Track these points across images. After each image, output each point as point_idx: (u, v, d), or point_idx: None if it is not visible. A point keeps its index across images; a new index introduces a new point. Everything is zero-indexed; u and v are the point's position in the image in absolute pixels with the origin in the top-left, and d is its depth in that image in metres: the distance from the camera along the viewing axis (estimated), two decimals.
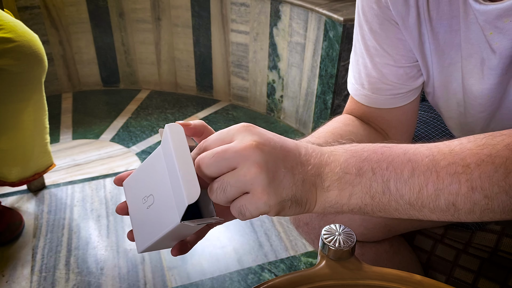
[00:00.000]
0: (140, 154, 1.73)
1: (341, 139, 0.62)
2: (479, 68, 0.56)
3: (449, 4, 0.55)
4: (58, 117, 1.94)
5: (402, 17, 0.58)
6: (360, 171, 0.41)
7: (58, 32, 1.99)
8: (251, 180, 0.39)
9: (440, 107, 0.68)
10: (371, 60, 0.64)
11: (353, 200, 0.42)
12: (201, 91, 2.15)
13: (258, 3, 1.77)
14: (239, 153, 0.39)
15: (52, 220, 1.41)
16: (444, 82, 0.62)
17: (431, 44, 0.59)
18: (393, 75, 0.64)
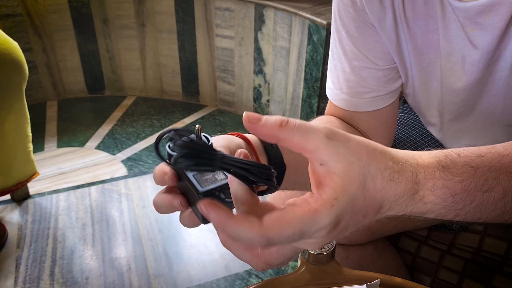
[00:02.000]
0: (126, 161, 1.71)
1: None
2: (459, 65, 0.56)
3: (424, 5, 0.55)
4: (43, 125, 1.92)
5: (378, 19, 0.58)
6: (440, 216, 0.39)
7: (41, 40, 1.97)
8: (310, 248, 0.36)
9: (420, 107, 0.69)
10: (350, 64, 0.64)
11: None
12: (187, 96, 2.14)
13: (242, 7, 1.77)
14: (308, 247, 0.36)
15: (36, 230, 1.39)
16: (424, 82, 0.63)
17: (409, 45, 0.59)
18: (372, 78, 0.64)
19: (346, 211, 0.33)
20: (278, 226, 0.32)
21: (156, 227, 1.41)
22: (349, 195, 0.33)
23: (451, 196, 0.37)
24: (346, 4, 0.60)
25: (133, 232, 1.39)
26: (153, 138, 1.86)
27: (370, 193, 0.34)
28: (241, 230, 0.32)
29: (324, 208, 0.32)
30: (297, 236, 0.32)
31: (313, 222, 0.32)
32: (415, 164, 0.37)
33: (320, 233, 0.33)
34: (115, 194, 1.54)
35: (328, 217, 0.32)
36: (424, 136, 0.77)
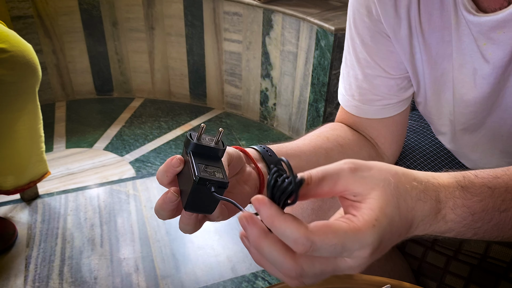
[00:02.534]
0: (134, 163, 1.73)
1: (328, 141, 0.63)
2: (471, 77, 0.57)
3: (440, 16, 0.56)
4: (52, 126, 1.94)
5: (393, 30, 0.59)
6: (460, 235, 0.40)
7: (51, 41, 2.00)
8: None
9: (432, 116, 0.70)
10: (362, 71, 0.65)
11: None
12: (194, 99, 2.16)
13: (251, 12, 1.79)
14: (348, 270, 0.36)
15: (45, 229, 1.41)
16: (436, 92, 0.64)
17: (423, 55, 0.60)
18: (383, 86, 0.65)
19: (386, 232, 0.35)
20: (323, 233, 0.33)
21: (164, 228, 1.43)
22: (388, 216, 0.35)
23: (471, 215, 0.39)
24: (361, 14, 0.62)
25: (141, 233, 1.41)
26: (160, 140, 1.88)
27: (403, 213, 0.36)
28: (288, 228, 0.32)
29: (366, 228, 0.34)
30: (339, 248, 0.33)
31: (356, 239, 0.33)
32: (436, 183, 0.39)
33: (362, 253, 0.34)
34: (123, 195, 1.56)
35: (371, 237, 0.33)
36: (433, 143, 0.78)
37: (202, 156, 0.42)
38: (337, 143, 0.64)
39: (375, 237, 0.34)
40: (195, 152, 0.42)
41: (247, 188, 0.49)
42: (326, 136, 0.64)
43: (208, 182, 0.39)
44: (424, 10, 0.56)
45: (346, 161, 0.37)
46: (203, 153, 0.42)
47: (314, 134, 0.65)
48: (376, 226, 0.34)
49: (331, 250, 0.33)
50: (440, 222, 0.38)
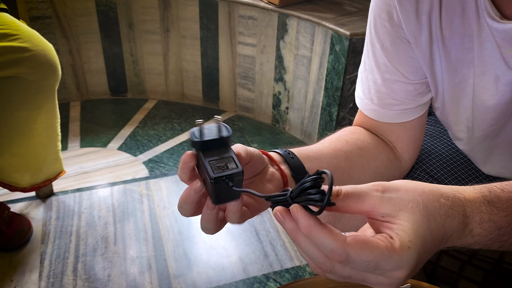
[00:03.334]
0: (147, 163, 1.75)
1: (347, 144, 0.64)
2: (492, 84, 0.58)
3: (461, 23, 0.56)
4: (66, 125, 1.97)
5: (414, 35, 0.60)
6: (485, 247, 0.41)
7: (68, 42, 2.03)
8: None
9: (449, 122, 0.70)
10: (381, 76, 0.66)
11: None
12: (207, 101, 2.18)
13: (266, 16, 1.81)
14: (377, 285, 0.36)
15: (60, 226, 1.43)
16: (454, 98, 0.64)
17: (443, 61, 0.60)
18: (402, 91, 0.66)
19: (421, 253, 0.36)
20: (360, 247, 0.34)
21: (177, 228, 1.44)
22: (421, 238, 0.36)
23: (497, 229, 0.40)
24: (382, 18, 0.62)
25: (154, 232, 1.42)
26: (173, 141, 1.90)
27: (435, 233, 0.37)
28: (326, 238, 0.34)
29: (402, 249, 0.34)
30: (373, 265, 0.34)
31: (391, 259, 0.34)
32: (463, 198, 0.40)
33: (397, 274, 0.35)
34: (136, 195, 1.58)
35: (407, 258, 0.34)
36: (450, 148, 0.79)
37: (210, 149, 0.42)
38: (357, 146, 0.65)
39: (410, 258, 0.35)
40: (203, 149, 0.42)
41: (270, 187, 0.50)
42: (345, 140, 0.65)
43: (224, 177, 0.40)
44: (446, 17, 0.57)
45: (375, 184, 0.38)
46: (211, 146, 0.42)
47: (333, 137, 0.66)
48: (411, 248, 0.35)
49: (364, 266, 0.34)
50: (468, 236, 0.39)
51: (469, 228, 0.39)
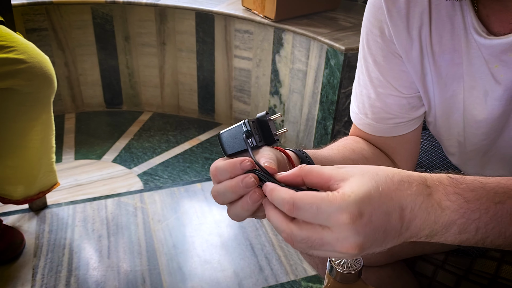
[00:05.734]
0: (142, 176, 1.74)
1: (354, 153, 0.65)
2: (481, 99, 0.59)
3: (451, 39, 0.58)
4: (61, 137, 1.96)
5: (405, 50, 0.61)
6: (464, 231, 0.41)
7: (64, 54, 2.03)
8: (342, 257, 0.40)
9: (441, 136, 0.71)
10: (375, 90, 0.67)
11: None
12: (203, 114, 2.18)
13: (262, 30, 1.82)
14: (337, 252, 0.38)
15: (53, 239, 1.42)
16: (445, 113, 0.65)
17: (434, 76, 0.62)
18: (396, 105, 0.66)
19: (364, 203, 0.38)
20: (305, 194, 0.39)
21: (171, 241, 1.43)
22: (365, 190, 0.38)
23: (465, 202, 0.40)
24: (374, 34, 0.64)
25: (148, 245, 1.41)
26: (168, 153, 1.90)
27: (385, 192, 0.39)
28: (280, 192, 0.40)
29: (342, 196, 0.38)
30: (315, 209, 0.38)
31: (331, 203, 0.38)
32: (422, 173, 0.42)
33: (339, 218, 0.37)
34: (130, 208, 1.57)
35: (346, 203, 0.37)
36: (444, 163, 0.79)
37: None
38: (362, 155, 0.66)
39: (351, 203, 0.37)
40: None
41: None
42: (351, 148, 0.66)
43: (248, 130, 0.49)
44: (435, 32, 0.58)
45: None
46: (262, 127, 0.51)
47: (339, 145, 0.66)
48: (352, 196, 0.38)
49: (309, 210, 0.38)
50: (438, 210, 0.40)
51: (436, 199, 0.40)
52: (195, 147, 1.95)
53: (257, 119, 0.51)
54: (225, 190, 0.45)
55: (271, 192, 0.41)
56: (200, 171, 1.79)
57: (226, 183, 0.45)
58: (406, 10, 0.58)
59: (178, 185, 1.70)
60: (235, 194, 0.44)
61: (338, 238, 0.37)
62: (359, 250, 0.38)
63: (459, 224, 0.40)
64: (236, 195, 0.44)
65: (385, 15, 0.60)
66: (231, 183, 0.44)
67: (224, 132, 0.52)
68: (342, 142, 0.68)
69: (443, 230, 0.41)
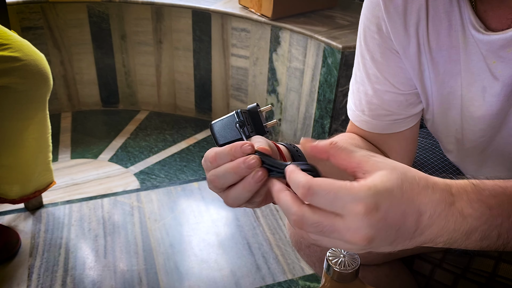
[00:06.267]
0: (138, 175, 1.73)
1: None
2: (480, 95, 0.58)
3: (448, 35, 0.57)
4: (57, 136, 1.95)
5: (403, 47, 0.61)
6: (485, 238, 0.41)
7: (60, 53, 2.02)
8: (349, 249, 0.39)
9: (438, 133, 0.71)
10: (372, 87, 0.66)
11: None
12: (199, 113, 2.18)
13: (259, 29, 1.82)
14: (345, 242, 0.38)
15: (49, 239, 1.41)
16: (443, 110, 0.65)
17: (431, 73, 0.61)
18: (393, 102, 0.66)
19: (383, 198, 0.37)
20: (322, 181, 0.38)
21: (168, 241, 1.43)
22: (387, 187, 0.37)
23: (488, 209, 0.40)
24: (372, 31, 0.63)
25: (144, 245, 1.40)
26: (165, 152, 1.89)
27: (407, 193, 0.38)
28: (297, 176, 0.39)
29: (361, 187, 0.37)
30: (332, 196, 0.37)
31: (349, 192, 0.37)
32: (447, 181, 0.41)
33: (354, 208, 0.36)
34: (127, 207, 1.56)
35: (364, 194, 0.36)
36: (442, 161, 0.79)
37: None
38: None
39: (369, 195, 0.36)
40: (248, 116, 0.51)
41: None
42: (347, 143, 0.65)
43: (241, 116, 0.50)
44: (433, 29, 0.58)
45: (367, 149, 0.41)
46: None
47: (334, 140, 0.66)
48: (372, 189, 0.37)
49: (325, 197, 0.37)
50: (459, 218, 0.39)
51: (458, 208, 0.39)
52: (192, 146, 1.94)
53: (248, 110, 0.52)
54: (226, 172, 0.44)
55: (290, 173, 0.40)
56: (197, 170, 1.78)
57: (227, 165, 0.44)
58: (403, 7, 0.58)
59: (175, 184, 1.69)
60: (236, 175, 0.44)
61: (350, 228, 0.37)
62: (368, 243, 0.37)
63: (481, 231, 0.40)
64: (237, 177, 0.44)
65: (382, 11, 0.60)
66: (232, 164, 0.44)
67: (216, 122, 0.53)
68: (337, 138, 0.68)
69: (464, 237, 0.40)
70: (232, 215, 1.55)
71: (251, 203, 0.47)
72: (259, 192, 0.46)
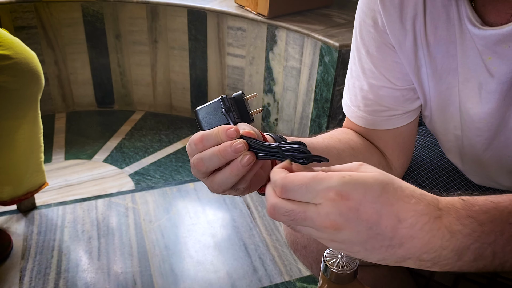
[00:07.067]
0: (133, 176, 1.71)
1: (340, 143, 0.63)
2: (476, 92, 0.57)
3: (446, 29, 0.56)
4: (51, 137, 1.93)
5: (398, 41, 0.59)
6: (479, 257, 0.38)
7: (54, 52, 2.00)
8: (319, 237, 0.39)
9: (437, 131, 0.69)
10: (368, 82, 0.65)
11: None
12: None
13: (255, 27, 1.80)
14: (315, 228, 0.37)
15: (41, 241, 1.38)
16: (441, 106, 0.63)
17: (428, 68, 0.60)
18: (389, 97, 0.65)
19: (357, 190, 0.36)
20: (295, 177, 0.38)
21: (163, 242, 1.41)
22: (365, 180, 0.36)
23: (479, 225, 0.37)
24: (367, 24, 0.62)
25: (139, 247, 1.38)
26: (161, 153, 1.87)
27: (387, 196, 0.36)
28: (274, 172, 0.40)
29: (336, 175, 0.36)
30: (304, 189, 0.37)
31: (321, 180, 0.37)
32: (436, 195, 0.39)
33: (325, 194, 0.36)
34: (122, 208, 1.54)
35: (336, 182, 0.36)
36: (441, 159, 0.78)
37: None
38: (349, 145, 0.64)
39: (342, 183, 0.36)
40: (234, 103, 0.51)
41: (262, 173, 0.51)
42: (338, 138, 0.64)
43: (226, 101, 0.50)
44: (430, 23, 0.56)
45: (358, 162, 0.40)
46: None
47: (326, 135, 0.65)
48: (346, 178, 0.36)
49: (298, 191, 0.37)
50: (446, 234, 0.36)
51: (445, 222, 0.37)
52: None
53: (233, 98, 0.51)
54: (212, 155, 0.44)
55: (270, 173, 0.41)
56: None
57: (213, 148, 0.44)
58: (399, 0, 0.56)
59: (170, 185, 1.67)
60: (223, 159, 0.43)
61: (320, 213, 0.36)
62: (335, 230, 0.36)
63: (473, 249, 0.37)
64: (223, 160, 0.44)
65: (378, 4, 0.58)
66: (219, 148, 0.43)
67: (201, 108, 0.52)
68: (330, 132, 0.67)
69: (455, 257, 0.37)
70: (228, 216, 1.53)
71: (236, 190, 0.47)
72: (245, 178, 0.45)
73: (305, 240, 0.74)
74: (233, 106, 0.51)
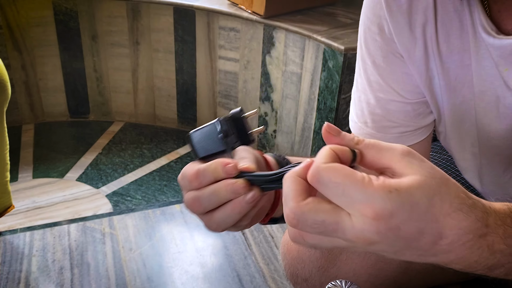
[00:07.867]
0: (111, 196, 1.73)
1: None
2: (493, 106, 0.58)
3: (460, 37, 0.57)
4: (17, 152, 1.94)
5: (407, 50, 0.61)
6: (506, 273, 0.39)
7: (21, 55, 2.02)
8: (347, 247, 0.38)
9: (452, 148, 0.71)
10: (375, 96, 0.66)
11: None
12: (183, 124, 2.18)
13: (250, 28, 1.83)
14: (345, 240, 0.37)
15: (6, 272, 1.39)
16: (456, 121, 0.65)
17: (441, 80, 0.61)
18: (399, 112, 0.66)
19: (402, 208, 0.35)
20: (335, 170, 0.36)
21: (145, 273, 1.42)
22: (411, 196, 0.35)
23: None
24: (373, 32, 0.63)
25: (117, 278, 1.39)
26: (142, 170, 1.88)
27: (434, 211, 0.36)
28: (300, 166, 0.38)
29: (380, 188, 0.35)
30: (340, 189, 0.35)
31: (362, 190, 0.35)
32: (487, 205, 0.39)
33: (364, 209, 0.35)
34: (98, 234, 1.55)
35: (380, 198, 0.34)
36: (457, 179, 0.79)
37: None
38: None
39: (385, 200, 0.34)
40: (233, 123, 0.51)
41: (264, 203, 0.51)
42: None
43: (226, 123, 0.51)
44: (442, 30, 0.58)
45: (403, 146, 0.38)
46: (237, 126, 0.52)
47: None
48: (393, 194, 0.35)
49: (332, 189, 0.35)
50: (485, 252, 0.38)
51: (489, 241, 0.38)
52: (174, 162, 1.94)
53: (231, 117, 0.52)
54: (210, 195, 0.44)
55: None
56: (180, 190, 1.78)
57: (211, 188, 0.44)
58: (407, 5, 0.58)
59: (153, 207, 1.69)
60: (223, 199, 0.44)
61: (354, 227, 0.35)
62: (369, 245, 0.36)
63: (508, 267, 0.39)
64: (224, 201, 0.44)
65: (384, 10, 0.60)
66: (218, 188, 0.44)
67: (195, 132, 0.53)
68: None
69: (485, 270, 0.39)
70: (220, 243, 1.54)
71: (236, 227, 0.47)
72: (248, 214, 0.45)
73: (306, 272, 0.75)
74: (231, 128, 0.51)
